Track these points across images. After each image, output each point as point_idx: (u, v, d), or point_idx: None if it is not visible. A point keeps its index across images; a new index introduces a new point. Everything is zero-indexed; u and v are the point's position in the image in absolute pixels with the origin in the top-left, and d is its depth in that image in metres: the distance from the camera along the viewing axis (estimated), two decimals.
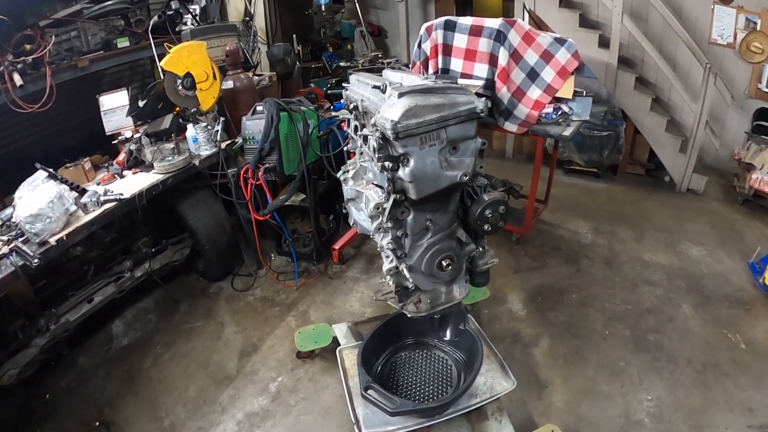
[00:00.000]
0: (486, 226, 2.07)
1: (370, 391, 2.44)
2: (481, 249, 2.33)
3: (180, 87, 3.76)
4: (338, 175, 2.52)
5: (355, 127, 2.37)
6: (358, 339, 3.13)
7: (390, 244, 2.06)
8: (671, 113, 5.63)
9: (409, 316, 2.33)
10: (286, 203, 3.94)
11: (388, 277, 2.14)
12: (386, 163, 1.80)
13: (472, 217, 2.07)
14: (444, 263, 2.17)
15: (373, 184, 2.19)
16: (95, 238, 3.64)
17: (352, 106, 2.32)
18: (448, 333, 2.88)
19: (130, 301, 4.02)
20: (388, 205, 1.93)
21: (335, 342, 3.21)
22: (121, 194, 3.28)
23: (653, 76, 5.66)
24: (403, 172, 1.83)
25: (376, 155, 1.80)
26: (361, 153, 2.43)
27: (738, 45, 5.33)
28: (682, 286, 4.00)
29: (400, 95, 1.78)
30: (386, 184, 1.87)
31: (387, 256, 2.10)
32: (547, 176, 4.77)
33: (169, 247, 4.06)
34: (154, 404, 3.15)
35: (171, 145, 3.70)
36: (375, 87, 2.06)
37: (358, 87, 2.34)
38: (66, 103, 3.66)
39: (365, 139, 2.07)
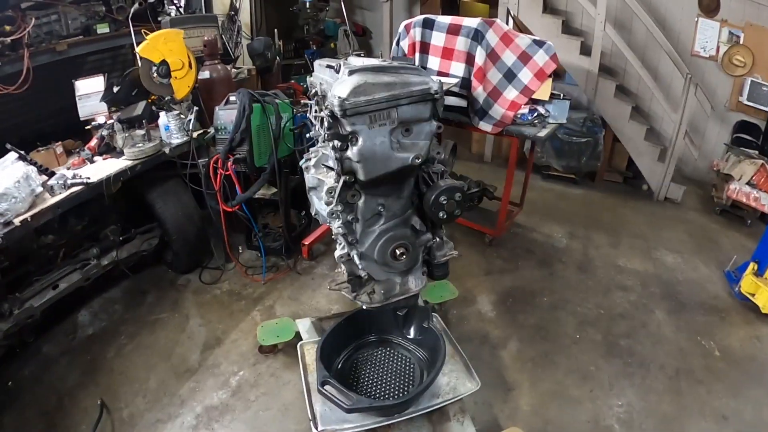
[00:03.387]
0: (441, 214, 1.94)
1: (326, 387, 2.30)
2: (438, 240, 2.20)
3: (155, 74, 3.63)
4: (300, 163, 2.39)
5: (316, 112, 2.24)
6: (321, 334, 2.97)
7: (340, 229, 1.93)
8: (651, 123, 5.59)
9: (364, 307, 2.20)
10: (258, 197, 3.80)
11: (342, 266, 2.01)
12: (335, 142, 1.67)
13: (426, 204, 1.95)
14: (398, 252, 2.06)
15: (325, 165, 2.06)
16: (67, 226, 3.52)
17: (313, 91, 2.20)
18: (412, 331, 2.74)
19: (97, 291, 3.86)
20: (337, 187, 1.80)
21: (298, 337, 3.05)
22: (88, 178, 3.16)
23: (634, 86, 5.61)
24: (352, 152, 1.71)
25: (325, 133, 1.67)
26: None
27: (720, 58, 5.30)
28: (656, 293, 3.91)
29: (351, 73, 1.67)
30: (335, 165, 1.74)
31: (339, 243, 1.97)
32: (522, 180, 4.66)
33: (138, 236, 3.90)
34: (115, 395, 3.01)
35: (142, 132, 3.57)
36: (329, 66, 1.93)
37: (319, 71, 2.21)
38: (43, 87, 3.51)
39: (321, 121, 1.94)
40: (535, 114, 3.78)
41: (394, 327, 2.76)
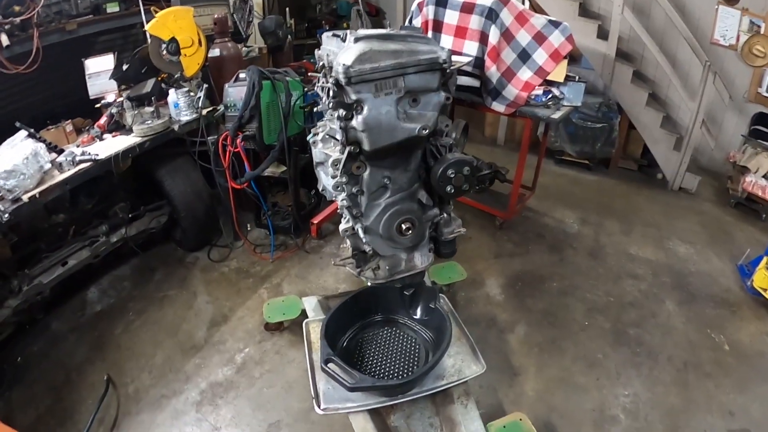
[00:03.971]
0: (448, 188, 1.87)
1: (330, 365, 2.26)
2: (446, 216, 2.13)
3: (164, 52, 3.61)
4: (308, 138, 2.34)
5: (323, 83, 2.17)
6: (327, 313, 2.94)
7: (345, 201, 1.87)
8: (668, 110, 5.40)
9: (369, 283, 2.14)
10: (267, 175, 3.76)
11: (347, 241, 1.96)
12: (339, 111, 1.61)
13: (434, 178, 1.88)
14: (403, 226, 2.00)
15: (331, 137, 2.00)
16: (77, 204, 3.54)
17: (320, 63, 2.13)
18: (418, 311, 2.68)
19: (106, 268, 3.86)
20: (342, 158, 1.74)
21: (304, 315, 3.01)
22: (97, 155, 3.13)
23: (651, 72, 5.43)
24: (357, 121, 1.64)
25: (330, 102, 1.61)
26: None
27: (740, 47, 5.09)
28: (667, 283, 3.79)
29: (356, 40, 1.60)
30: (340, 135, 1.68)
31: (344, 216, 1.92)
32: (535, 164, 4.55)
33: (147, 213, 3.88)
34: (121, 370, 3.01)
35: (151, 109, 3.53)
36: (335, 35, 1.86)
37: (326, 42, 2.14)
38: (53, 67, 3.51)
39: (328, 92, 1.88)
40: (550, 96, 3.67)
41: (400, 307, 2.70)
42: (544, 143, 4.59)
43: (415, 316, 2.70)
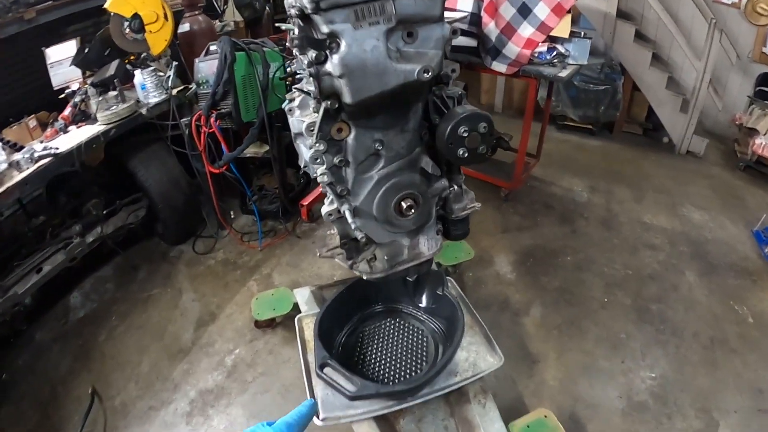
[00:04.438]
0: (460, 151, 1.41)
1: (326, 370, 1.87)
2: (456, 188, 1.68)
3: (127, 30, 3.19)
4: (282, 105, 1.88)
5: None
6: (322, 305, 2.53)
7: (326, 176, 1.44)
8: (671, 72, 4.97)
9: (365, 278, 1.73)
10: (249, 156, 3.32)
11: (333, 227, 1.54)
12: (309, 53, 1.16)
13: (440, 138, 1.42)
14: (404, 205, 1.56)
15: (305, 93, 1.55)
16: (57, 204, 3.23)
17: (290, 12, 1.68)
18: (424, 299, 2.26)
19: (89, 270, 3.50)
20: (317, 118, 1.31)
21: (296, 309, 2.61)
22: (56, 148, 2.75)
23: (653, 32, 4.97)
24: (332, 63, 1.18)
25: (296, 42, 1.16)
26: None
27: (743, 5, 4.65)
28: (685, 252, 3.43)
29: None
30: (312, 86, 1.24)
31: (327, 196, 1.50)
32: (538, 132, 4.15)
33: (123, 208, 3.48)
34: (106, 381, 2.69)
35: (115, 93, 3.11)
36: None
37: None
38: (14, 60, 3.23)
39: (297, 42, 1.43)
40: (554, 53, 3.21)
41: (403, 295, 2.29)
42: (548, 107, 4.16)
43: (420, 305, 2.28)
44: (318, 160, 1.40)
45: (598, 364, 2.59)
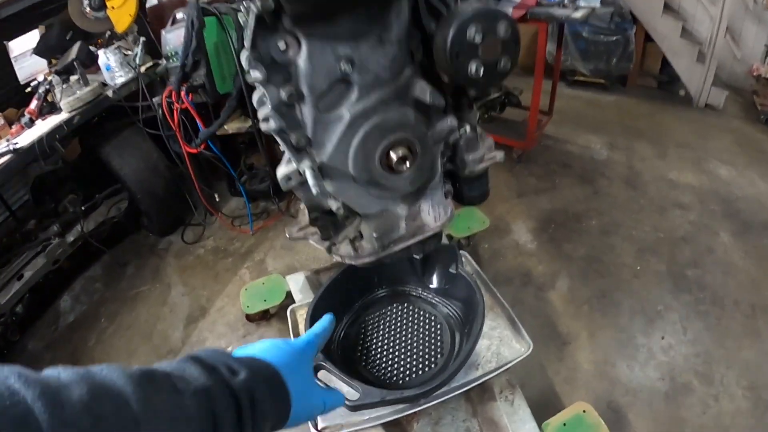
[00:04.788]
0: (473, 66, 0.93)
1: (321, 373, 1.48)
2: (469, 129, 1.19)
3: (87, 9, 2.89)
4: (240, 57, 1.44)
5: None
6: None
7: (272, 121, 1.01)
8: (683, 20, 4.51)
9: (349, 263, 1.33)
10: (232, 132, 2.90)
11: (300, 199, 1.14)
12: None
13: (440, 50, 0.93)
14: (394, 156, 1.08)
15: None
16: (44, 207, 2.98)
17: None
18: (435, 279, 1.86)
19: (79, 271, 3.20)
20: (249, 24, 0.89)
21: (290, 298, 2.24)
22: (16, 143, 2.46)
23: None
24: None
25: None
26: None
27: None
28: (716, 211, 3.03)
29: None
30: None
31: (282, 151, 1.09)
32: (548, 91, 3.71)
33: (103, 202, 3.14)
34: None
35: (76, 77, 2.79)
36: None
37: None
38: None
39: None
40: None
41: (410, 275, 1.89)
42: (559, 59, 3.73)
43: (431, 285, 1.88)
44: (260, 98, 0.98)
45: (636, 342, 2.22)
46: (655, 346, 2.20)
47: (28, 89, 2.96)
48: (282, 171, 1.11)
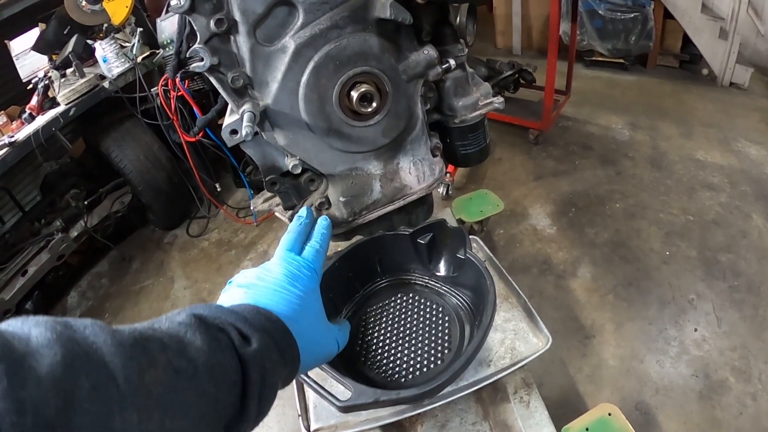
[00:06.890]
0: None
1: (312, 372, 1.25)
2: (453, 65, 0.93)
3: (83, 2, 2.81)
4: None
5: None
6: None
7: (205, 56, 0.80)
8: None
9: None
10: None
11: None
12: None
13: None
14: (354, 95, 0.84)
15: None
16: (54, 199, 2.92)
17: None
18: (441, 266, 1.62)
19: (87, 266, 3.15)
20: None
21: None
22: (12, 136, 2.43)
23: None
24: None
25: None
26: None
27: None
28: (748, 192, 2.75)
29: None
30: None
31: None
32: (564, 72, 3.48)
33: (107, 196, 3.03)
34: None
35: (71, 69, 2.76)
36: None
37: None
38: None
39: None
40: None
41: (414, 261, 1.66)
42: (574, 37, 3.45)
43: (438, 273, 1.63)
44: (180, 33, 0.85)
45: (667, 335, 1.98)
46: (688, 339, 1.96)
47: (30, 86, 2.95)
48: (225, 122, 0.89)
